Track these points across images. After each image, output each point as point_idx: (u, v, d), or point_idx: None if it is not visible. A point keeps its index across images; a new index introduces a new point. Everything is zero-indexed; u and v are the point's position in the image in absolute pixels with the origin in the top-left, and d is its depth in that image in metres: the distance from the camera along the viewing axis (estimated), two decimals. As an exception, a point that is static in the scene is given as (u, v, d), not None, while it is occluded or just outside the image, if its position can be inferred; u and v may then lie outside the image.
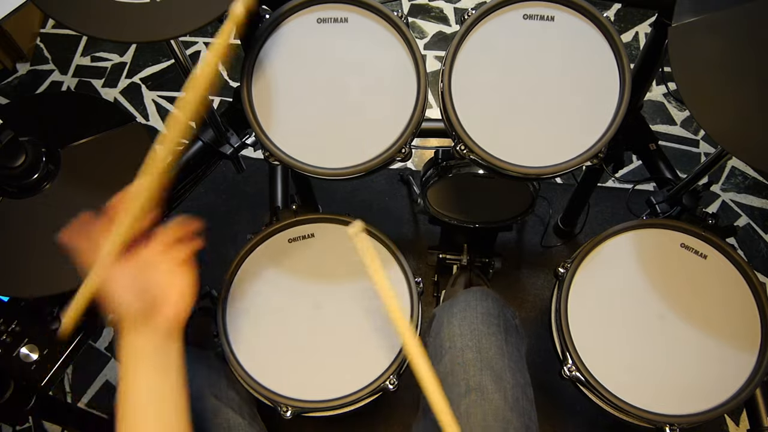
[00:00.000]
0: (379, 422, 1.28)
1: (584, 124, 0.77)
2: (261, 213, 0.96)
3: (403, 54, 0.79)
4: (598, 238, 0.86)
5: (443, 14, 1.87)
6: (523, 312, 1.40)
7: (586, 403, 0.81)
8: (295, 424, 0.79)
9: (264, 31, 0.80)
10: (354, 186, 1.58)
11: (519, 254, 1.47)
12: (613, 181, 1.57)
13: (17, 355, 0.80)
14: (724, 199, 1.55)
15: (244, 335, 0.83)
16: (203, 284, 1.34)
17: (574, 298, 0.83)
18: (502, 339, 0.81)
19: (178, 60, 0.76)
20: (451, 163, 1.04)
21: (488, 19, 0.78)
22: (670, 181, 1.01)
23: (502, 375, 0.77)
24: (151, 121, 1.73)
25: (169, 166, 0.57)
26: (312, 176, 0.80)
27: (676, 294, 0.82)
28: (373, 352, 0.81)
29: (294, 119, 0.80)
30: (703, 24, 0.67)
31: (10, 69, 1.83)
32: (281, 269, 0.87)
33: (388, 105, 0.80)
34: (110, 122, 0.77)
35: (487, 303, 0.84)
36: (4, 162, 0.68)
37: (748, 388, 0.76)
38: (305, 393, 0.79)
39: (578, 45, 0.77)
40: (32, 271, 0.70)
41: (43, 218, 0.71)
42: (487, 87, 0.79)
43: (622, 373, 0.78)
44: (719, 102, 0.66)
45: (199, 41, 1.85)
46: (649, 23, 1.81)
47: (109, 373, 1.39)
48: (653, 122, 1.66)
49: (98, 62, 1.84)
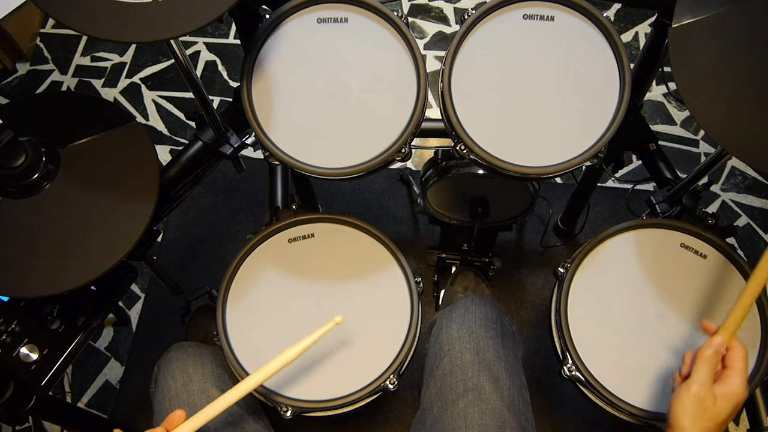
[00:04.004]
0: (379, 422, 1.28)
1: (584, 124, 0.77)
2: (261, 213, 0.96)
3: (403, 54, 0.79)
4: (598, 238, 0.86)
5: (443, 14, 1.87)
6: (523, 312, 1.40)
7: (586, 403, 0.81)
8: (295, 423, 0.79)
9: (264, 31, 0.80)
10: (354, 186, 1.58)
11: (519, 254, 1.47)
12: (613, 181, 1.57)
13: (17, 355, 0.80)
14: (724, 199, 1.56)
15: (244, 335, 0.83)
16: (203, 284, 1.34)
17: (574, 298, 0.83)
18: (499, 343, 0.83)
19: (178, 60, 0.75)
20: (451, 163, 1.04)
21: (488, 19, 0.78)
22: (670, 181, 1.01)
23: (499, 376, 0.78)
24: (151, 121, 1.73)
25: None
26: (312, 176, 0.80)
27: (676, 294, 0.82)
28: (373, 352, 0.81)
29: (294, 119, 0.80)
30: (703, 24, 0.67)
31: (10, 69, 1.83)
32: (281, 269, 0.87)
33: (388, 105, 0.80)
34: (110, 122, 0.77)
35: (485, 308, 0.86)
36: (4, 162, 0.68)
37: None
38: (305, 393, 0.79)
39: (578, 45, 0.77)
40: (32, 271, 0.70)
41: (43, 218, 0.71)
42: (487, 87, 0.79)
43: (622, 373, 0.78)
44: (719, 102, 0.66)
45: (199, 41, 1.85)
46: (649, 23, 1.81)
47: (109, 373, 1.39)
48: (653, 122, 1.67)
49: (98, 62, 1.84)
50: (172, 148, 1.69)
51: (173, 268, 1.49)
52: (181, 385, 0.81)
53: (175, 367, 0.83)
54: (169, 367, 0.84)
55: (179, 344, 0.88)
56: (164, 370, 0.84)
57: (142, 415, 1.31)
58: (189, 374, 0.82)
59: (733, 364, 0.62)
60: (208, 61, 1.81)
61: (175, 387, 0.81)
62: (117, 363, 1.40)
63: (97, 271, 0.70)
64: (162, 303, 1.45)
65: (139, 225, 0.72)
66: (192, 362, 0.84)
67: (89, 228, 0.72)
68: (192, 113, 0.92)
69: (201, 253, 1.51)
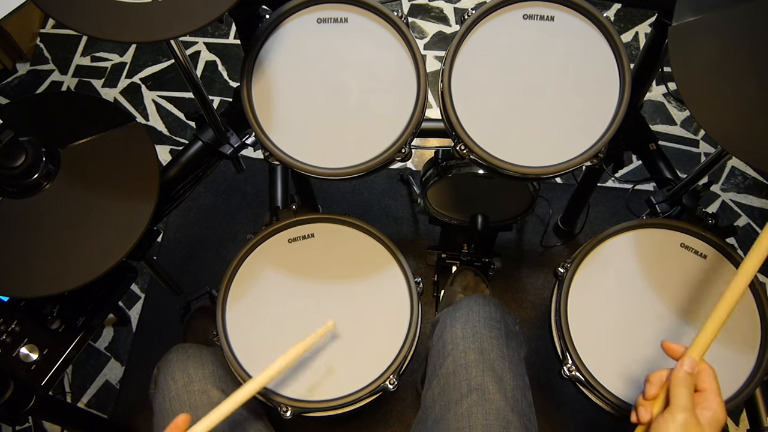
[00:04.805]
0: (379, 422, 1.28)
1: (584, 124, 0.77)
2: (261, 213, 0.96)
3: (403, 54, 0.79)
4: (598, 238, 0.86)
5: (443, 14, 1.87)
6: (523, 312, 1.40)
7: (586, 403, 0.81)
8: (295, 424, 0.79)
9: (264, 31, 0.80)
10: (354, 186, 1.58)
11: (519, 254, 1.47)
12: (613, 181, 1.57)
13: (17, 355, 0.80)
14: (724, 199, 1.56)
15: (244, 335, 0.83)
16: (203, 284, 1.34)
17: (574, 298, 0.83)
18: (503, 343, 0.82)
19: (178, 60, 0.75)
20: (451, 163, 1.04)
21: (488, 19, 0.78)
22: (670, 181, 1.01)
23: (503, 377, 0.78)
24: (151, 121, 1.73)
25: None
26: (312, 176, 0.80)
27: (676, 294, 0.82)
28: (373, 352, 0.81)
29: (294, 119, 0.80)
30: (703, 24, 0.67)
31: (10, 69, 1.83)
32: (281, 269, 0.87)
33: (388, 105, 0.80)
34: (110, 122, 0.77)
35: (489, 308, 0.86)
36: (4, 162, 0.68)
37: (747, 387, 0.76)
38: (305, 393, 0.79)
39: (578, 45, 0.77)
40: (32, 271, 0.70)
41: (43, 218, 0.71)
42: (487, 87, 0.79)
43: (621, 373, 0.78)
44: (719, 102, 0.66)
45: (199, 41, 1.85)
46: (649, 23, 1.81)
47: (109, 373, 1.39)
48: (653, 122, 1.67)
49: (98, 62, 1.84)
50: (172, 148, 1.69)
51: (173, 268, 1.49)
52: (181, 385, 0.81)
53: (175, 367, 0.83)
54: (169, 368, 0.84)
55: (179, 345, 0.88)
56: (164, 371, 0.84)
57: (142, 415, 1.31)
58: (189, 375, 0.82)
59: (707, 386, 0.59)
60: (208, 61, 1.81)
61: (175, 388, 0.81)
62: (117, 363, 1.40)
63: (97, 271, 0.70)
64: (162, 303, 1.45)
65: (139, 225, 0.72)
66: (192, 363, 0.84)
67: (89, 228, 0.72)
68: (192, 113, 0.92)
69: (201, 253, 1.51)
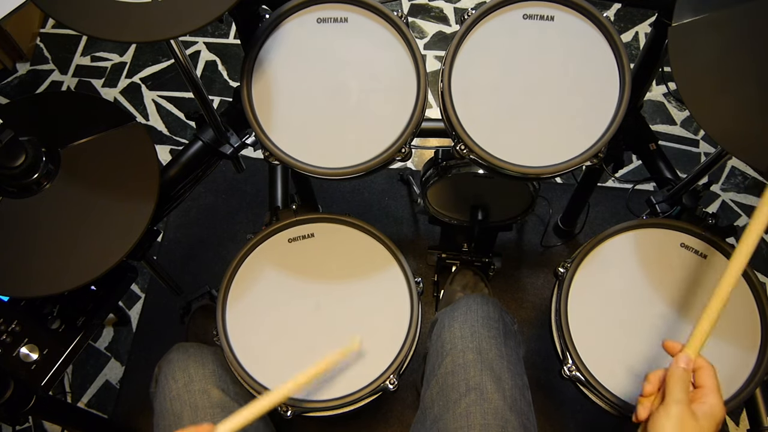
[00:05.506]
0: (379, 422, 1.28)
1: (584, 124, 0.77)
2: (261, 213, 0.96)
3: (403, 54, 0.79)
4: (598, 238, 0.86)
5: (443, 14, 1.87)
6: (523, 312, 1.40)
7: (586, 403, 0.81)
8: (295, 424, 0.79)
9: (264, 31, 0.80)
10: (354, 186, 1.58)
11: (519, 254, 1.47)
12: (613, 181, 1.57)
13: (17, 355, 0.80)
14: (724, 199, 1.56)
15: (244, 335, 0.83)
16: (203, 284, 1.34)
17: (574, 298, 0.83)
18: (502, 342, 0.83)
19: (178, 60, 0.75)
20: (451, 163, 1.04)
21: (488, 19, 0.78)
22: (670, 181, 1.01)
23: (501, 376, 0.78)
24: (151, 121, 1.73)
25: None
26: (312, 176, 0.80)
27: (676, 294, 0.82)
28: (373, 352, 0.81)
29: (294, 119, 0.80)
30: (703, 24, 0.67)
31: (10, 69, 1.83)
32: (281, 269, 0.87)
33: (388, 105, 0.80)
34: (110, 122, 0.77)
35: (487, 308, 0.86)
36: (4, 162, 0.68)
37: (748, 387, 0.76)
38: (305, 393, 0.79)
39: (578, 45, 0.77)
40: (32, 271, 0.70)
41: (43, 218, 0.71)
42: (487, 87, 0.79)
43: (622, 373, 0.78)
44: (719, 102, 0.66)
45: (199, 41, 1.85)
46: (649, 23, 1.81)
47: (109, 373, 1.39)
48: (653, 122, 1.67)
49: (98, 62, 1.84)
50: (172, 148, 1.69)
51: (173, 268, 1.49)
52: (182, 385, 0.81)
53: (176, 367, 0.83)
54: (170, 367, 0.84)
55: (180, 345, 0.88)
56: (165, 371, 0.84)
57: (143, 415, 1.31)
58: (190, 374, 0.82)
59: (705, 383, 0.60)
60: (208, 61, 1.81)
61: (176, 387, 0.81)
62: (117, 363, 1.40)
63: (97, 271, 0.70)
64: (162, 303, 1.45)
65: (139, 225, 0.72)
66: (193, 362, 0.84)
67: (89, 228, 0.72)
68: (192, 113, 0.92)
69: (201, 253, 1.51)
